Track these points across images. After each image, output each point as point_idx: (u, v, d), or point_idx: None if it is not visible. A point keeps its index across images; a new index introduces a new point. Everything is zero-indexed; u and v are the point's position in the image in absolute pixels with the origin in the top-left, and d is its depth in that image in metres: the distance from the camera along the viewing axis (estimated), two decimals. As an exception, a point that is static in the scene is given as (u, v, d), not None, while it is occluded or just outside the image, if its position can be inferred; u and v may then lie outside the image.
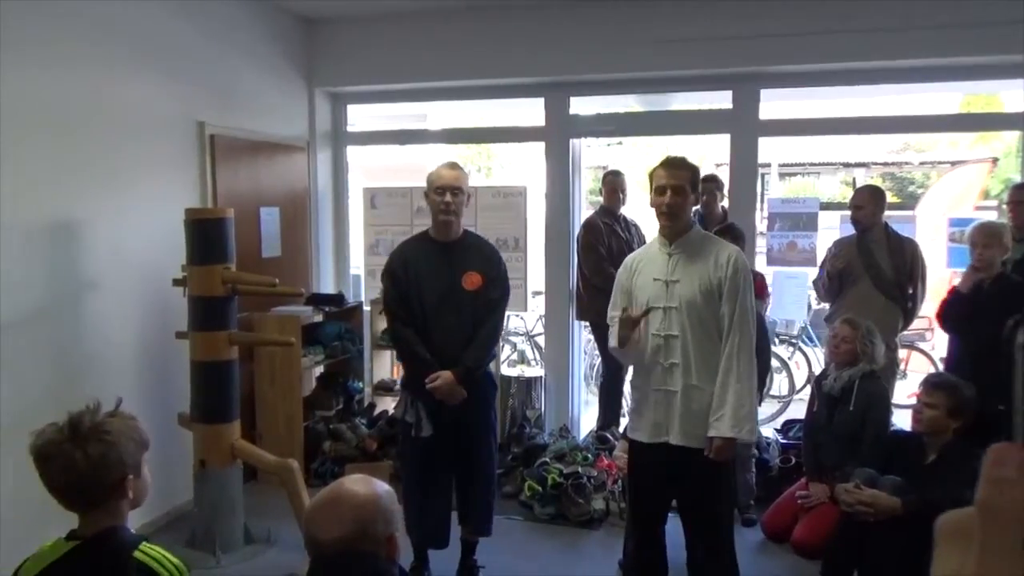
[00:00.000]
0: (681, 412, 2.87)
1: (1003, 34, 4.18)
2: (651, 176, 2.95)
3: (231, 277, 3.81)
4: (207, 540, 3.87)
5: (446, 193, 3.32)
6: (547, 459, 4.60)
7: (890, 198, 4.97)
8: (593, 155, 6.77)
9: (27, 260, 3.50)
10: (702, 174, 3.29)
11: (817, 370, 6.35)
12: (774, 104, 5.20)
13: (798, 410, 5.84)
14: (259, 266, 4.85)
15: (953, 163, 10.77)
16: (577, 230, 5.32)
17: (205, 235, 3.81)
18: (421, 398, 3.35)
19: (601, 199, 5.32)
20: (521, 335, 7.02)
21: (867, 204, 4.35)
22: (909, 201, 11.91)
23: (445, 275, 3.36)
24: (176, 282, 3.95)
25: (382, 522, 1.55)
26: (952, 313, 3.71)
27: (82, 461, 1.58)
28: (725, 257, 2.88)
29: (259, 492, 4.44)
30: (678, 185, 2.87)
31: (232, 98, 4.81)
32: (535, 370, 5.68)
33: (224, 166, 4.71)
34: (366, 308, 5.60)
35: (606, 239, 5.09)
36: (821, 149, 12.65)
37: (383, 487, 1.62)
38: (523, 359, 6.16)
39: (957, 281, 3.85)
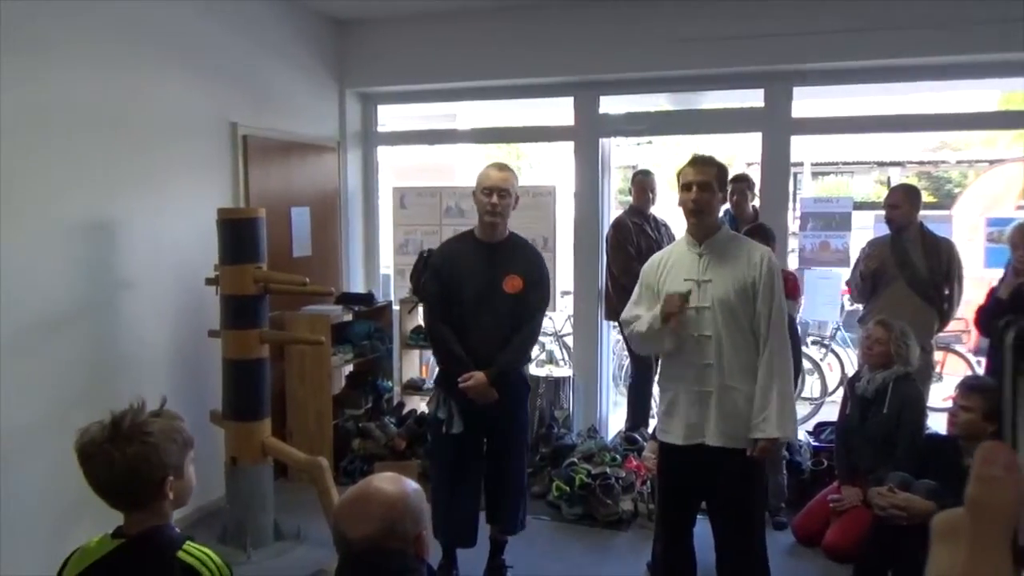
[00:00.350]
0: (717, 413, 2.85)
1: (1044, 30, 4.09)
2: (679, 175, 2.94)
3: (263, 276, 3.85)
4: (238, 536, 3.92)
5: (493, 194, 3.30)
6: (575, 459, 4.59)
7: (926, 197, 4.88)
8: (623, 154, 6.73)
9: (66, 259, 3.57)
10: (733, 173, 3.26)
11: (850, 372, 6.26)
12: (806, 102, 5.13)
13: (830, 412, 5.77)
14: (290, 265, 4.90)
15: (991, 162, 10.56)
16: (606, 230, 5.30)
17: (237, 235, 3.85)
18: (454, 396, 3.36)
19: (630, 198, 5.29)
20: (549, 335, 7.00)
21: (902, 203, 4.28)
22: (945, 200, 11.68)
23: (486, 276, 3.34)
24: (209, 281, 4.00)
25: (411, 520, 1.56)
26: (989, 319, 3.64)
27: (120, 461, 1.59)
28: (758, 257, 2.86)
29: (288, 489, 4.48)
30: (704, 181, 2.86)
31: (264, 99, 4.87)
32: (563, 370, 5.66)
33: (256, 166, 4.77)
34: (395, 307, 5.63)
35: (635, 239, 5.07)
36: (855, 148, 12.46)
37: (412, 485, 1.63)
38: (551, 359, 6.15)
39: (996, 282, 3.77)
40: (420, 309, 4.93)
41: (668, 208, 5.63)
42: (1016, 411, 3.17)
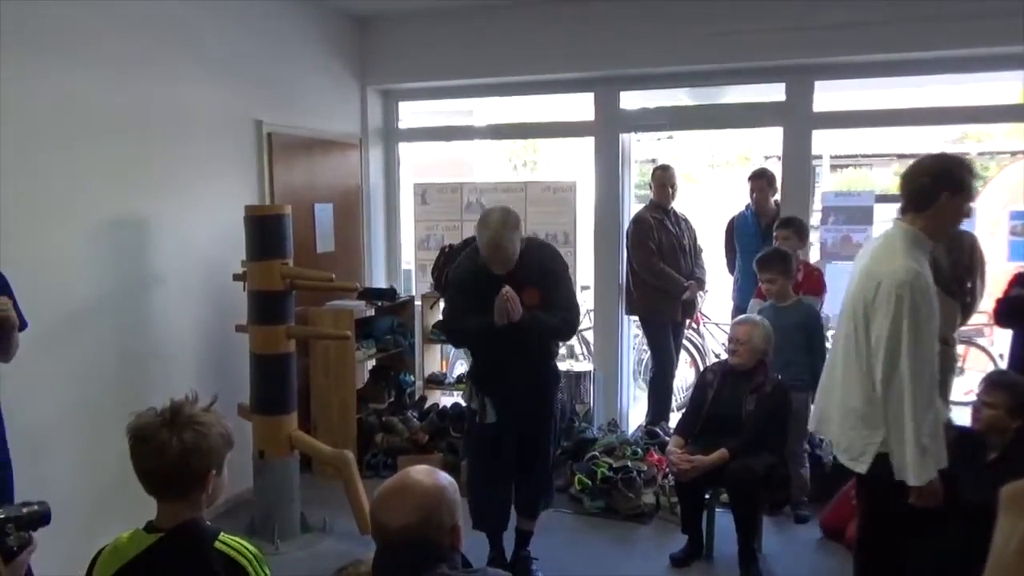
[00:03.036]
0: None
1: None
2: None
3: (288, 272, 3.91)
4: (266, 528, 3.98)
5: (490, 251, 3.23)
6: (596, 453, 4.62)
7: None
8: (642, 149, 6.73)
9: (98, 255, 3.65)
10: (751, 168, 3.25)
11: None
12: (826, 95, 5.11)
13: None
14: (314, 261, 4.95)
15: (1014, 153, 10.45)
16: (626, 225, 5.32)
17: (264, 231, 3.91)
18: (485, 390, 3.44)
19: (649, 193, 5.31)
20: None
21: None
22: (967, 193, 11.55)
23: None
24: (236, 277, 4.06)
25: (447, 511, 1.60)
26: (1009, 313, 3.63)
27: (175, 448, 1.62)
28: None
29: (314, 482, 4.54)
30: None
31: (288, 97, 4.92)
32: (584, 364, 5.69)
33: (281, 164, 4.82)
34: (417, 302, 5.68)
35: (656, 234, 5.08)
36: (874, 140, 12.35)
37: (447, 478, 1.67)
38: (572, 353, 6.17)
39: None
40: (441, 304, 4.97)
41: (689, 203, 5.66)
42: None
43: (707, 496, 3.82)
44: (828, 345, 4.10)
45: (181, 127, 4.09)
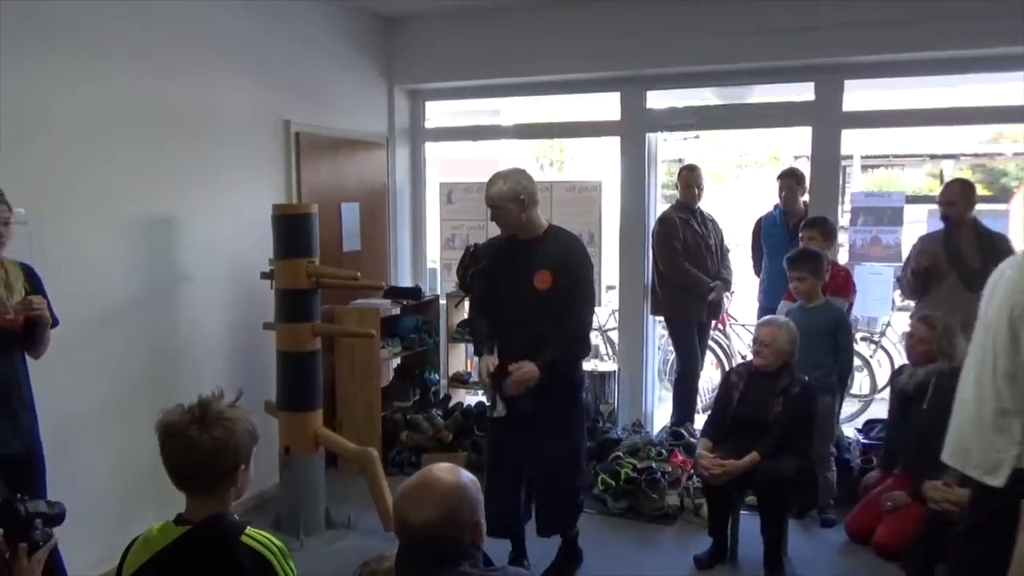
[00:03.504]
0: None
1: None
2: None
3: (315, 271, 3.94)
4: (291, 524, 4.02)
5: (491, 211, 3.33)
6: (620, 454, 4.61)
7: (980, 191, 4.76)
8: (668, 148, 6.70)
9: (129, 253, 3.71)
10: (780, 168, 3.22)
11: (902, 370, 6.17)
12: (856, 95, 5.06)
13: (880, 409, 5.70)
14: (340, 260, 4.99)
15: (1050, 154, 10.25)
16: (652, 225, 5.30)
17: (291, 230, 3.94)
18: (499, 388, 3.35)
19: (676, 193, 5.28)
20: (594, 329, 7.01)
21: (958, 200, 4.19)
22: (1001, 194, 11.37)
23: (516, 272, 3.34)
24: (263, 275, 4.11)
25: (468, 508, 1.61)
26: None
27: (207, 444, 1.66)
28: None
29: (338, 479, 4.57)
30: None
31: (316, 97, 4.96)
32: (609, 364, 5.68)
33: (308, 163, 4.87)
34: (442, 301, 5.70)
35: (681, 234, 5.05)
36: (906, 140, 12.18)
37: (469, 476, 1.68)
38: (596, 353, 6.16)
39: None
40: (467, 303, 4.99)
41: (716, 203, 5.62)
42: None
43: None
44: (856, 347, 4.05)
45: (211, 126, 4.15)
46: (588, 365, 5.54)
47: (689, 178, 5.16)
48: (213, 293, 4.20)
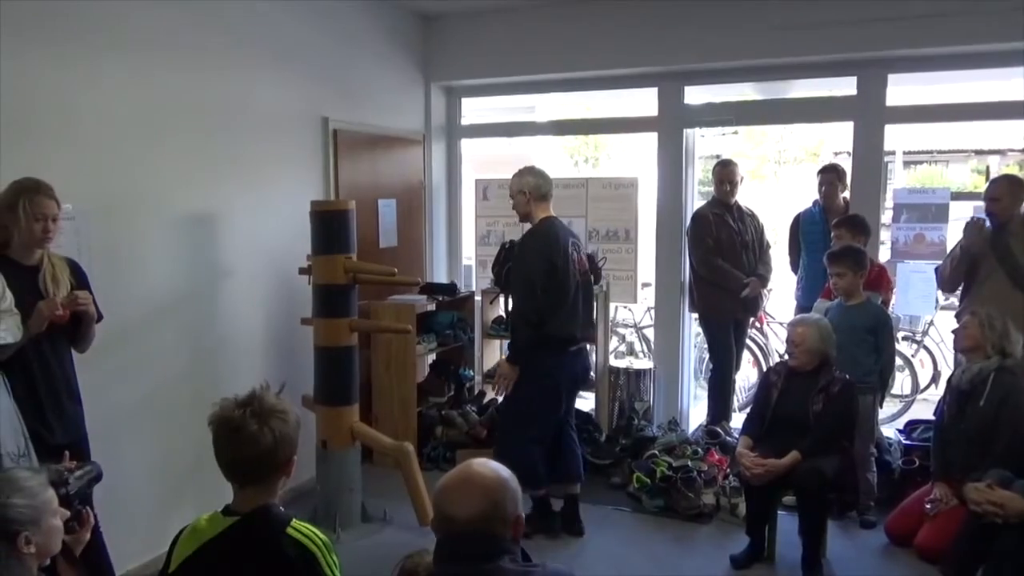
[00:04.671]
0: None
1: None
2: None
3: (352, 267, 3.97)
4: (327, 517, 4.06)
5: None
6: (656, 452, 4.58)
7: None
8: (706, 145, 6.63)
9: (171, 249, 3.77)
10: (821, 163, 3.17)
11: (943, 368, 6.04)
12: (899, 89, 4.96)
13: (921, 410, 5.59)
14: (377, 256, 5.03)
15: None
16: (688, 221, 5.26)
17: (328, 226, 3.98)
18: None
19: (711, 189, 5.23)
20: (630, 327, 6.98)
21: (1004, 196, 4.08)
22: (1050, 190, 11.06)
23: None
24: (302, 271, 4.15)
25: (511, 502, 1.61)
26: None
27: (267, 437, 1.69)
28: None
29: (374, 473, 4.60)
30: None
31: (354, 94, 5.00)
32: (644, 362, 5.64)
33: (346, 160, 4.91)
34: (477, 298, 5.71)
35: (715, 230, 5.00)
36: (950, 135, 11.92)
37: (508, 471, 1.68)
38: (631, 351, 6.13)
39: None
40: (501, 299, 5.00)
41: (755, 200, 5.55)
42: None
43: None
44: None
45: (252, 123, 4.20)
46: (623, 363, 5.53)
47: (722, 174, 5.11)
48: (252, 288, 4.26)
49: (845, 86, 4.98)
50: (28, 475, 1.77)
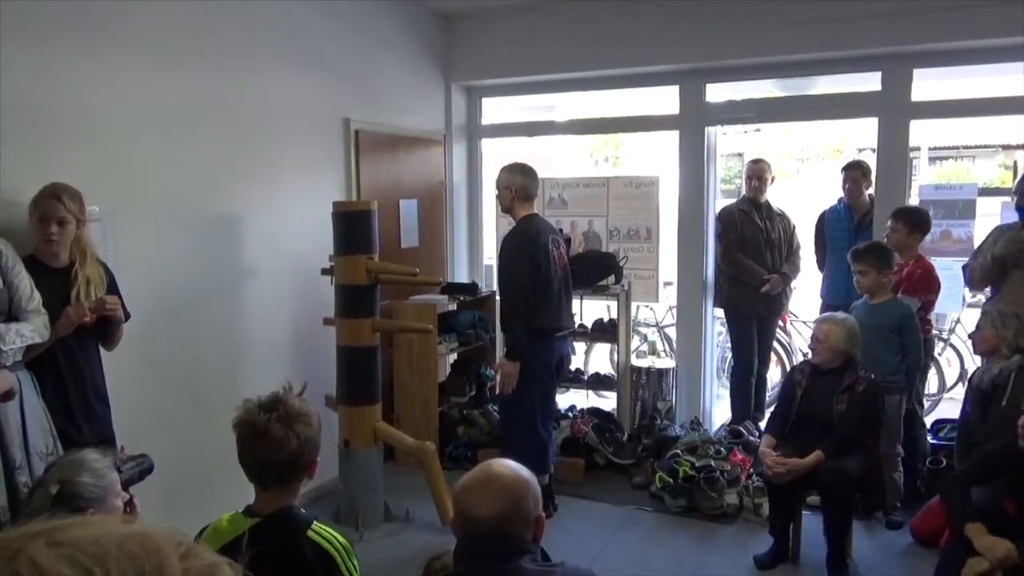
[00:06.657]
0: None
1: None
2: None
3: (374, 267, 3.99)
4: (350, 516, 4.08)
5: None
6: (678, 451, 4.56)
7: (1058, 182, 4.55)
8: (728, 143, 6.58)
9: (195, 249, 3.80)
10: (845, 159, 3.14)
11: (969, 367, 5.95)
12: (924, 84, 4.89)
13: (947, 409, 5.51)
14: (398, 256, 5.05)
15: None
16: (711, 220, 5.24)
17: (350, 227, 4.00)
18: None
19: (732, 187, 5.21)
20: (651, 326, 6.95)
21: (1033, 191, 4.03)
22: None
23: None
24: (324, 271, 4.18)
25: (532, 501, 1.61)
26: None
27: (293, 441, 1.71)
28: None
29: (396, 473, 4.63)
30: None
31: (375, 95, 5.02)
32: (666, 361, 5.62)
33: (367, 160, 4.93)
34: (498, 297, 5.69)
35: (740, 226, 5.02)
36: (977, 130, 11.74)
37: (527, 470, 1.68)
38: (653, 350, 6.10)
39: None
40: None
41: (777, 197, 5.50)
42: None
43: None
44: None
45: (275, 124, 4.23)
46: (645, 362, 5.51)
47: (750, 170, 5.14)
48: (275, 288, 4.29)
49: (869, 81, 4.92)
50: (96, 456, 1.81)
